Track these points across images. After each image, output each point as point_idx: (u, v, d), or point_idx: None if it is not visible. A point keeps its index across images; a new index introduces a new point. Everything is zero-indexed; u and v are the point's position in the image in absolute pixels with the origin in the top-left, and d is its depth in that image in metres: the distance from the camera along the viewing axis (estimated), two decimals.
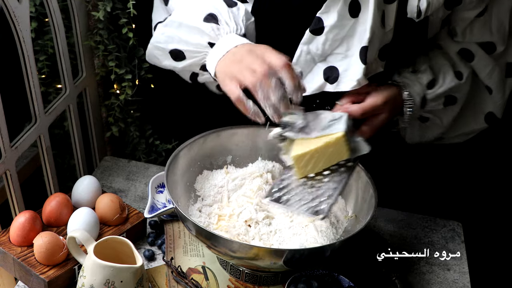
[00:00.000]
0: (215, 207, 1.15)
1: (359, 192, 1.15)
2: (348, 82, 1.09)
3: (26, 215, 1.13)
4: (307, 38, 1.09)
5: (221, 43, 1.07)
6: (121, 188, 1.40)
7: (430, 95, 1.18)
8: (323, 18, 1.07)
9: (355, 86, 1.09)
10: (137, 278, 1.02)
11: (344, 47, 1.09)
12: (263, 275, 1.11)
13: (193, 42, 1.09)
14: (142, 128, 1.67)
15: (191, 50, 1.10)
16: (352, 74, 1.08)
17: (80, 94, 1.51)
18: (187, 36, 1.10)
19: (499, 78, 1.23)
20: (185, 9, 1.12)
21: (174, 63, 1.14)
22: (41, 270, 1.07)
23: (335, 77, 1.10)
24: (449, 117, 1.24)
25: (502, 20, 1.18)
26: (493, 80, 1.23)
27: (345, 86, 1.09)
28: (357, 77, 1.08)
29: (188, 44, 1.10)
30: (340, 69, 1.10)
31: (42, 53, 1.43)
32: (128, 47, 1.51)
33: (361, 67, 1.07)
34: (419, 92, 1.17)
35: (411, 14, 1.08)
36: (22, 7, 1.20)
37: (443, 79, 1.19)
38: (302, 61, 1.11)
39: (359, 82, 1.08)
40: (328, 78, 1.11)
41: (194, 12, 1.10)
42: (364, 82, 1.09)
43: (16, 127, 1.33)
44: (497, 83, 1.23)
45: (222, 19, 1.08)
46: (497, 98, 1.25)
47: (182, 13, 1.12)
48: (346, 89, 1.09)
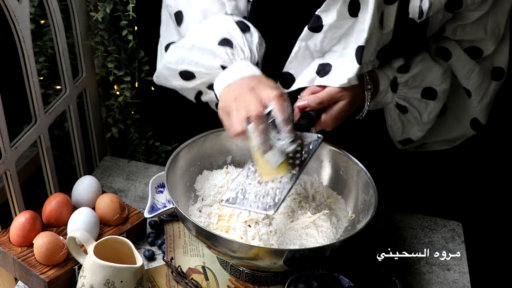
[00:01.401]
0: (215, 207, 1.15)
1: (359, 192, 1.15)
2: (338, 78, 1.08)
3: (26, 215, 1.13)
4: (306, 34, 1.09)
5: (233, 68, 1.07)
6: (121, 188, 1.40)
7: (402, 78, 1.16)
8: (322, 16, 1.07)
9: (344, 84, 1.08)
10: (137, 278, 1.02)
11: (342, 45, 1.09)
12: (263, 275, 1.11)
13: (205, 64, 1.09)
14: (142, 130, 1.67)
15: (202, 72, 1.10)
16: (344, 71, 1.08)
17: (80, 94, 1.51)
18: (199, 58, 1.10)
19: (479, 80, 1.21)
20: (199, 32, 1.12)
21: (184, 83, 1.14)
22: (41, 270, 1.07)
23: (326, 71, 1.10)
24: (428, 113, 1.21)
25: (499, 22, 1.17)
26: (472, 82, 1.21)
27: (334, 81, 1.09)
28: (348, 75, 1.07)
29: (199, 65, 1.10)
30: (334, 66, 1.10)
31: (41, 54, 1.43)
32: (129, 49, 1.51)
33: (355, 66, 1.07)
34: (387, 73, 1.15)
35: (413, 15, 1.07)
36: (22, 7, 1.20)
37: (416, 63, 1.17)
38: (300, 56, 1.12)
39: (349, 81, 1.08)
40: (319, 72, 1.11)
41: (208, 35, 1.10)
42: (355, 82, 1.08)
43: (16, 127, 1.33)
44: (475, 86, 1.22)
45: (236, 45, 1.08)
46: (475, 102, 1.24)
47: (196, 35, 1.12)
48: (335, 85, 1.08)
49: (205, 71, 1.10)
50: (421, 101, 1.20)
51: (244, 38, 1.09)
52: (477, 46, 1.20)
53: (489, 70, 1.23)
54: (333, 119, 1.11)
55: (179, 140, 1.57)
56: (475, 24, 1.17)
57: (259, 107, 0.97)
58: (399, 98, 1.19)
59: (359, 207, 1.14)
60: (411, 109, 1.21)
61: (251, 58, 1.09)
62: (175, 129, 1.67)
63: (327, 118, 1.10)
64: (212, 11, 1.14)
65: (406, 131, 1.26)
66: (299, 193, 1.17)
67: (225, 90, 1.05)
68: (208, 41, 1.09)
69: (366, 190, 1.13)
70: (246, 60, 1.08)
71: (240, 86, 1.02)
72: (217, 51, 1.08)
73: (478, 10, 1.14)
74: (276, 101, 0.96)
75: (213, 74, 1.09)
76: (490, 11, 1.15)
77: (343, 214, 1.17)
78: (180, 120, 1.71)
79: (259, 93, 0.99)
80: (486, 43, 1.20)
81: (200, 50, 1.10)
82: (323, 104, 1.09)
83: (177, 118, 1.72)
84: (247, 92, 0.99)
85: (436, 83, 1.19)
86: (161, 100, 1.67)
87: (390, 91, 1.17)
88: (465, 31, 1.18)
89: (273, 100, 0.97)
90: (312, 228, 1.10)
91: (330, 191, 1.21)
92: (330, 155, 1.21)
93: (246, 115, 0.97)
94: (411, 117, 1.23)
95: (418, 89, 1.19)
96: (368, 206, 1.10)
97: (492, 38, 1.18)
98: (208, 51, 1.09)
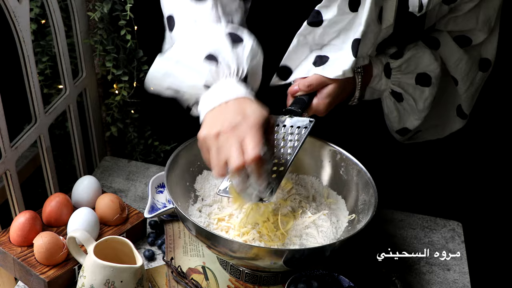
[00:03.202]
0: (215, 207, 1.15)
1: (359, 192, 1.15)
2: (334, 70, 1.09)
3: (26, 215, 1.13)
4: (304, 29, 1.09)
5: (217, 88, 1.02)
6: (121, 188, 1.40)
7: (395, 64, 1.17)
8: (322, 11, 1.07)
9: (339, 76, 1.08)
10: (137, 278, 1.02)
11: (341, 39, 1.09)
12: (263, 275, 1.11)
13: (189, 84, 1.05)
14: (141, 129, 1.67)
15: (186, 91, 1.06)
16: (340, 64, 1.08)
17: (80, 94, 1.51)
18: (184, 75, 1.05)
19: (466, 70, 1.23)
20: (185, 45, 1.07)
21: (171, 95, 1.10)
22: (41, 270, 1.07)
23: (323, 61, 1.10)
24: (424, 100, 1.22)
25: (490, 15, 1.19)
26: (459, 70, 1.23)
27: (329, 72, 1.09)
28: (344, 68, 1.08)
29: (184, 84, 1.06)
30: (331, 58, 1.10)
31: (44, 54, 1.43)
32: (128, 49, 1.51)
33: (351, 59, 1.07)
34: (380, 57, 1.16)
35: (413, 8, 1.07)
36: (22, 7, 1.20)
37: (408, 49, 1.18)
38: (298, 49, 1.11)
39: (344, 73, 1.08)
40: (316, 62, 1.11)
41: (194, 50, 1.05)
42: (349, 74, 1.09)
43: (16, 127, 1.33)
44: (463, 75, 1.23)
45: (222, 61, 1.03)
46: (461, 91, 1.25)
47: (182, 49, 1.07)
48: (330, 76, 1.09)
49: (189, 90, 1.06)
50: (416, 88, 1.21)
51: (233, 52, 1.04)
52: (467, 35, 1.22)
53: (476, 60, 1.25)
54: (324, 103, 1.11)
55: (178, 140, 1.57)
56: (466, 15, 1.18)
57: (239, 160, 0.93)
58: (394, 84, 1.19)
59: (359, 207, 1.14)
60: (406, 96, 1.22)
61: (237, 73, 1.04)
62: (174, 129, 1.67)
63: (319, 102, 1.11)
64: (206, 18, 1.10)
65: (403, 120, 1.26)
66: (299, 193, 1.17)
67: (208, 116, 1.00)
68: (193, 58, 1.05)
69: (366, 190, 1.13)
70: (232, 76, 1.03)
71: (223, 118, 0.97)
72: (201, 69, 1.03)
73: (470, 1, 1.15)
74: (253, 165, 0.94)
75: (198, 93, 1.05)
76: (482, 4, 1.17)
77: (343, 214, 1.17)
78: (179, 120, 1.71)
79: (242, 140, 0.95)
80: (477, 33, 1.21)
81: (185, 67, 1.05)
82: (311, 86, 1.10)
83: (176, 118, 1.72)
84: (229, 133, 0.95)
85: (430, 68, 1.20)
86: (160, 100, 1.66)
87: (384, 76, 1.18)
88: (456, 23, 1.20)
89: (251, 163, 0.93)
90: (312, 228, 1.10)
91: (330, 191, 1.21)
92: (330, 155, 1.21)
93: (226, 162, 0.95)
94: (406, 105, 1.23)
95: (412, 74, 1.20)
96: (368, 206, 1.10)
97: (483, 28, 1.20)
98: (192, 69, 1.04)
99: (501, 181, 1.97)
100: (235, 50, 1.04)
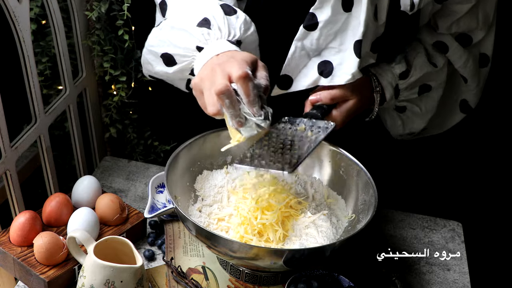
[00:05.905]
0: (215, 207, 1.15)
1: (359, 192, 1.15)
2: (343, 76, 1.10)
3: (26, 215, 1.13)
4: (301, 34, 1.10)
5: (209, 48, 1.04)
6: (121, 188, 1.40)
7: (403, 85, 1.20)
8: (316, 13, 1.07)
9: (349, 80, 1.10)
10: (137, 278, 1.02)
11: (338, 41, 1.10)
12: (263, 275, 1.11)
13: (182, 46, 1.07)
14: (140, 130, 1.67)
15: (180, 54, 1.08)
16: (346, 67, 1.09)
17: (80, 94, 1.51)
18: (177, 39, 1.08)
19: (474, 68, 1.25)
20: (179, 13, 1.11)
21: (166, 68, 1.12)
22: (41, 270, 1.07)
23: (329, 71, 1.11)
24: (428, 104, 1.25)
25: (488, 13, 1.20)
26: (468, 69, 1.25)
27: (339, 79, 1.10)
28: (351, 70, 1.09)
29: (177, 47, 1.08)
30: (334, 63, 1.11)
31: (44, 54, 1.43)
32: (125, 49, 1.50)
33: (355, 60, 1.08)
34: (391, 81, 1.18)
35: (405, 7, 1.09)
36: (22, 7, 1.20)
37: (415, 69, 1.20)
38: (297, 57, 1.12)
39: (353, 76, 1.09)
40: (323, 72, 1.12)
41: (188, 17, 1.09)
42: (359, 75, 1.10)
43: (16, 127, 1.33)
44: (472, 73, 1.25)
45: (215, 24, 1.06)
46: (472, 87, 1.28)
47: (176, 17, 1.11)
48: (341, 83, 1.10)
49: (182, 52, 1.08)
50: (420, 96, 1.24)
51: (226, 19, 1.07)
52: (468, 34, 1.24)
53: (477, 57, 1.27)
54: (342, 116, 1.13)
55: (177, 140, 1.57)
56: (467, 16, 1.19)
57: (224, 80, 0.94)
58: (400, 101, 1.22)
59: (359, 207, 1.14)
60: (410, 106, 1.24)
61: (229, 36, 1.06)
62: (174, 129, 1.67)
63: (337, 114, 1.13)
64: None
65: (408, 126, 1.29)
66: (299, 193, 1.17)
67: (200, 69, 1.02)
68: (187, 22, 1.08)
69: (366, 190, 1.13)
70: (223, 38, 1.06)
71: (211, 63, 1.00)
72: (194, 32, 1.06)
73: (466, 2, 1.16)
74: (241, 83, 0.93)
75: (191, 57, 1.07)
76: (480, 3, 1.18)
77: (343, 214, 1.17)
78: (178, 120, 1.71)
79: (227, 68, 0.96)
80: (477, 32, 1.23)
81: (179, 31, 1.08)
82: (334, 100, 1.12)
83: (176, 118, 1.73)
84: (216, 68, 0.97)
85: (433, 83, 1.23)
86: (159, 100, 1.67)
87: (394, 98, 1.20)
88: (459, 26, 1.21)
89: (238, 82, 0.94)
90: (312, 228, 1.10)
91: (330, 191, 1.21)
92: (330, 155, 1.21)
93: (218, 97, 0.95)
94: (409, 113, 1.26)
95: (416, 89, 1.22)
96: (368, 206, 1.10)
97: (484, 26, 1.22)
98: (185, 32, 1.07)
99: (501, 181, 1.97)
100: (227, 17, 1.07)
